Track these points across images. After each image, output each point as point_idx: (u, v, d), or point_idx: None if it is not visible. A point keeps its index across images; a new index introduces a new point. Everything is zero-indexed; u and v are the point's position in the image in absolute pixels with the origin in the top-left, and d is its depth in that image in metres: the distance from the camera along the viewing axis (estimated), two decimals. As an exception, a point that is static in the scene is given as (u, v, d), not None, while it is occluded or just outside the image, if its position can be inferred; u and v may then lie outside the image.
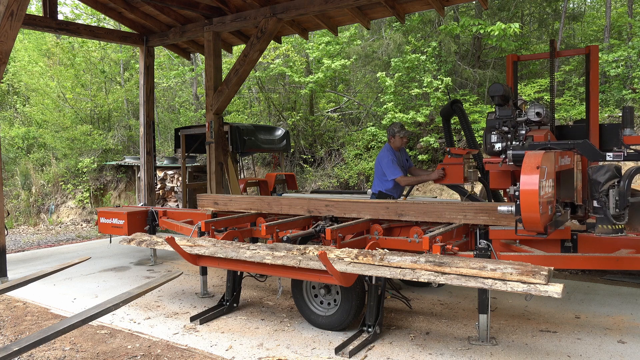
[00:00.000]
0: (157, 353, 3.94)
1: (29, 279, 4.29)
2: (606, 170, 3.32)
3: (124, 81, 17.75)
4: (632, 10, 12.91)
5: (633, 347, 3.88)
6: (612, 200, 3.26)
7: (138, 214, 6.83)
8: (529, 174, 3.06)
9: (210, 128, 8.18)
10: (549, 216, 3.25)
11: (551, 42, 4.83)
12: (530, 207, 3.07)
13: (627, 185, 3.26)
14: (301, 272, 3.94)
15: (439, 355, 3.80)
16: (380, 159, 5.90)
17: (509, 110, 3.93)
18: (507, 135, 3.92)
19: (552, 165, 3.33)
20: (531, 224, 3.17)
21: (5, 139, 15.77)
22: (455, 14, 13.70)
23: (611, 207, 3.27)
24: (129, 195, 14.02)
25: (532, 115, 3.94)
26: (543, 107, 3.98)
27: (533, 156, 3.13)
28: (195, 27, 8.54)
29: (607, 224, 3.33)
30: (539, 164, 3.06)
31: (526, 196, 3.07)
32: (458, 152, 4.98)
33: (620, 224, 3.31)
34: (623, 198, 3.23)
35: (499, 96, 3.92)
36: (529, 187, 3.06)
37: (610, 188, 3.26)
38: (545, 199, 3.18)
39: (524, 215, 3.12)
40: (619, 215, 3.27)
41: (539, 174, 3.02)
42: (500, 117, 3.96)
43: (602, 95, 11.25)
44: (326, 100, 15.82)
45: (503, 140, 3.96)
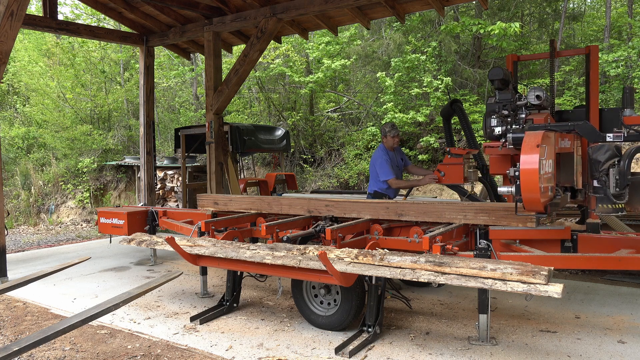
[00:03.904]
0: (157, 353, 3.94)
1: (29, 279, 4.29)
2: (606, 149, 3.31)
3: (124, 81, 17.75)
4: (632, 10, 12.91)
5: (633, 347, 3.88)
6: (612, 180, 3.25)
7: (138, 214, 6.83)
8: (529, 153, 3.04)
9: (210, 128, 8.18)
10: (549, 196, 3.22)
11: (551, 42, 4.89)
12: (530, 186, 3.04)
13: (628, 165, 3.26)
14: (301, 272, 3.94)
15: (439, 355, 3.80)
16: (375, 159, 5.97)
17: (508, 94, 3.92)
18: (507, 119, 3.90)
19: (552, 146, 3.31)
20: (531, 204, 3.13)
21: (5, 139, 15.77)
22: (455, 13, 13.69)
23: (611, 186, 3.26)
24: (129, 195, 14.02)
25: (532, 98, 3.92)
26: (543, 91, 3.97)
27: (533, 135, 3.12)
28: (195, 27, 8.54)
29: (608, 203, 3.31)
30: (539, 142, 3.04)
31: (526, 175, 3.05)
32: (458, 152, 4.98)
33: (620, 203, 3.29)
34: (623, 177, 3.22)
35: (499, 80, 3.91)
36: (529, 166, 3.03)
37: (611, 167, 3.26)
38: (546, 178, 3.15)
39: (524, 194, 3.10)
40: (619, 194, 3.27)
41: (539, 153, 3.01)
42: (500, 100, 3.94)
43: (602, 95, 11.25)
44: (326, 100, 15.82)
45: (503, 124, 3.94)
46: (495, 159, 4.36)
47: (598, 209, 3.40)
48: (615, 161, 3.27)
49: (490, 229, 4.31)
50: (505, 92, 3.93)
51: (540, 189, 3.05)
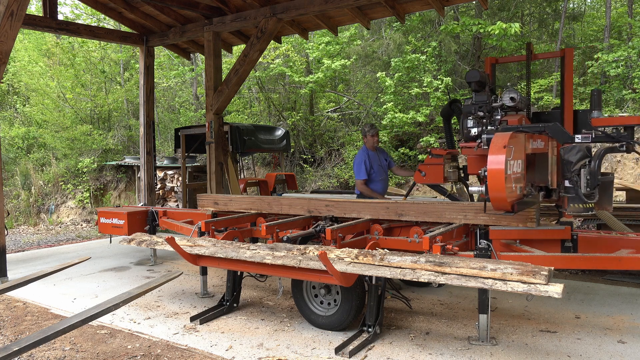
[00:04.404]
0: (157, 353, 3.94)
1: (29, 279, 4.29)
2: (578, 150, 3.38)
3: (124, 81, 17.74)
4: (632, 10, 12.91)
5: (633, 347, 3.88)
6: (583, 180, 3.33)
7: (138, 214, 6.83)
8: (496, 154, 3.12)
9: (210, 128, 8.17)
10: (517, 195, 3.31)
11: (528, 45, 5.01)
12: (497, 186, 3.12)
13: (598, 165, 3.33)
14: (301, 272, 3.94)
15: (439, 355, 3.80)
16: (354, 159, 6.23)
17: (484, 96, 4.01)
18: (482, 120, 4.00)
19: (521, 146, 3.39)
20: (498, 202, 3.21)
21: (5, 139, 15.76)
22: (455, 13, 13.70)
23: (582, 186, 3.34)
24: (129, 195, 14.01)
25: (507, 100, 4.02)
26: (517, 93, 4.06)
27: (501, 137, 3.20)
28: (195, 27, 8.54)
29: (579, 203, 3.38)
30: (506, 143, 3.11)
31: (493, 175, 3.12)
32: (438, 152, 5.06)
33: (590, 202, 3.36)
34: (594, 177, 3.30)
35: (475, 82, 3.99)
36: (496, 166, 3.11)
37: (582, 168, 3.34)
38: (514, 178, 3.24)
39: (491, 193, 3.17)
40: (590, 194, 3.34)
41: (506, 154, 3.08)
42: (476, 102, 4.03)
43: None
44: (326, 100, 15.82)
45: (479, 125, 4.03)
46: (472, 159, 4.45)
47: (569, 209, 3.47)
48: (586, 162, 3.35)
49: (490, 229, 4.31)
50: (482, 94, 4.02)
51: (506, 188, 3.11)
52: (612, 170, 9.43)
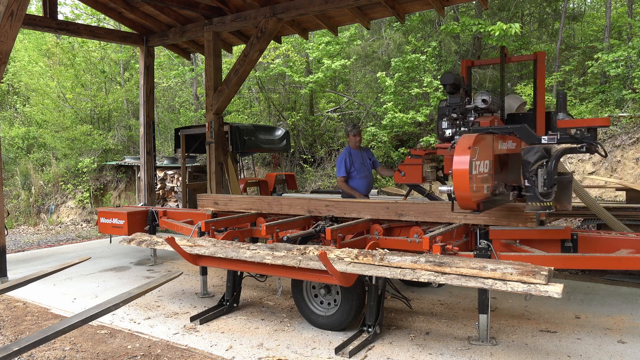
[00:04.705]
0: (157, 353, 3.94)
1: (29, 279, 4.29)
2: (536, 151, 3.48)
3: (124, 81, 17.74)
4: (632, 10, 12.91)
5: (633, 347, 3.88)
6: (540, 179, 3.43)
7: (138, 214, 6.83)
8: (460, 155, 3.23)
9: (210, 128, 8.17)
10: (483, 195, 3.41)
11: (502, 49, 5.15)
12: (461, 185, 3.22)
13: (554, 165, 3.42)
14: (301, 272, 3.94)
15: (439, 355, 3.80)
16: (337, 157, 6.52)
17: (458, 98, 4.13)
18: (456, 122, 4.12)
19: (489, 148, 3.51)
20: (463, 201, 3.30)
21: (5, 139, 15.76)
22: (455, 14, 13.70)
23: (540, 185, 3.44)
24: (129, 195, 14.01)
25: (479, 102, 4.15)
26: (489, 95, 4.18)
27: (466, 138, 3.31)
28: (195, 27, 8.54)
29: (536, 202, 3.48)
30: (471, 145, 3.22)
31: (458, 175, 3.22)
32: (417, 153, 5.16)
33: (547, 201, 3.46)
34: (550, 177, 3.40)
35: (450, 84, 4.10)
36: (460, 167, 3.20)
37: (539, 168, 3.44)
38: (480, 178, 3.34)
39: (456, 193, 3.28)
40: (547, 193, 3.44)
41: (470, 154, 3.19)
42: (450, 104, 4.15)
43: (602, 95, 11.26)
44: (326, 100, 15.82)
45: (453, 126, 4.14)
46: (448, 159, 4.57)
47: (528, 207, 3.57)
48: (544, 162, 3.45)
49: (490, 229, 4.31)
50: (456, 96, 4.14)
51: (471, 187, 3.20)
52: (612, 170, 9.43)
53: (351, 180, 6.28)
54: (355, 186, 6.25)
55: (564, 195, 3.60)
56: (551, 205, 3.49)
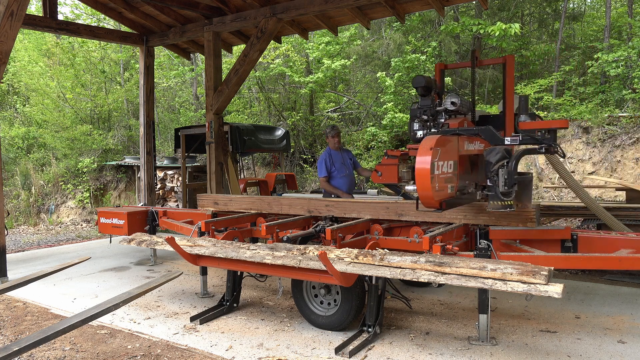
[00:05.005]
0: (157, 353, 3.94)
1: (29, 279, 4.29)
2: (497, 152, 3.60)
3: (124, 81, 17.74)
4: (632, 10, 12.91)
5: (633, 347, 3.88)
6: (501, 179, 3.54)
7: (138, 214, 6.83)
8: (422, 155, 3.34)
9: (210, 128, 8.17)
10: (446, 194, 3.52)
11: (472, 52, 5.27)
12: (423, 185, 3.32)
13: (514, 165, 3.53)
14: (301, 272, 3.94)
15: (439, 355, 3.80)
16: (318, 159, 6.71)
17: (429, 100, 4.26)
18: (427, 124, 4.25)
19: (453, 149, 3.63)
20: (426, 200, 3.41)
21: (5, 139, 15.75)
22: (455, 14, 13.70)
23: (500, 184, 3.54)
24: (129, 195, 14.01)
25: (448, 104, 4.26)
26: (458, 97, 4.29)
27: (429, 139, 3.44)
28: (195, 27, 8.54)
29: (497, 200, 3.58)
30: (432, 146, 3.34)
31: (419, 174, 3.33)
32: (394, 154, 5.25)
33: (508, 200, 3.56)
34: (511, 176, 3.50)
35: (421, 87, 4.24)
36: (422, 166, 3.31)
37: (500, 168, 3.54)
38: (443, 178, 3.45)
39: (419, 192, 3.39)
40: (508, 192, 3.54)
41: (432, 155, 3.30)
42: (421, 106, 4.27)
43: (602, 95, 11.25)
44: (326, 100, 15.82)
45: (424, 128, 4.27)
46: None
47: (489, 206, 3.66)
48: (504, 162, 3.55)
49: (490, 229, 4.32)
50: (427, 98, 4.27)
51: (433, 187, 3.30)
52: (612, 170, 9.43)
53: (332, 180, 6.50)
54: (336, 185, 6.47)
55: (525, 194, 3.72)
56: (512, 204, 3.59)
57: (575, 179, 5.85)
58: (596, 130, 9.93)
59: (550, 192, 9.80)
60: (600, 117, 9.89)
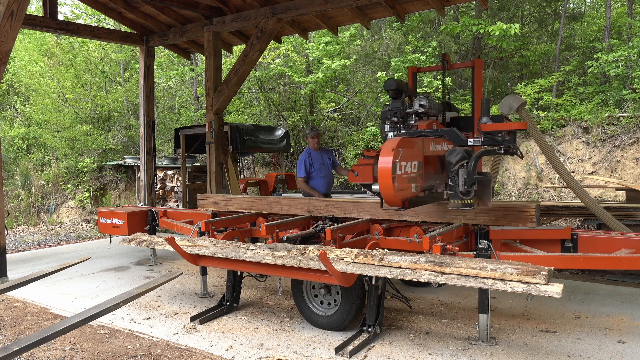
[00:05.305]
0: (157, 353, 3.94)
1: (29, 279, 4.28)
2: (457, 152, 3.68)
3: (124, 81, 17.73)
4: (632, 10, 12.91)
5: (633, 347, 3.88)
6: (461, 179, 3.62)
7: (138, 214, 6.83)
8: (384, 156, 3.45)
9: (210, 128, 8.18)
10: (410, 193, 3.65)
11: (443, 56, 5.41)
12: (385, 185, 3.43)
13: (474, 165, 3.61)
14: (301, 272, 3.94)
15: (439, 355, 3.80)
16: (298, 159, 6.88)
17: (399, 103, 4.39)
18: (397, 125, 4.37)
19: (418, 149, 3.79)
20: (388, 199, 3.52)
21: (5, 139, 15.75)
22: (455, 14, 13.70)
23: (460, 184, 3.63)
24: (129, 195, 14.01)
25: (417, 106, 4.41)
26: (427, 100, 4.40)
27: (392, 141, 3.55)
28: (195, 27, 8.54)
29: (457, 199, 3.67)
30: (394, 147, 3.45)
31: (381, 175, 3.44)
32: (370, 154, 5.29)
33: (468, 199, 3.65)
34: (470, 176, 3.58)
35: (392, 90, 4.36)
36: (384, 166, 3.42)
37: (460, 168, 3.63)
38: (406, 178, 3.57)
39: (381, 191, 3.51)
40: (467, 191, 3.63)
41: (393, 156, 3.41)
42: (392, 108, 4.40)
43: (602, 95, 11.25)
44: (326, 100, 15.81)
45: (395, 129, 4.39)
46: None
47: (450, 204, 3.74)
48: (464, 163, 3.64)
49: (490, 229, 4.32)
50: (397, 101, 4.39)
51: (394, 186, 3.41)
52: (612, 170, 9.43)
53: (311, 180, 6.69)
54: (315, 185, 6.66)
55: (484, 193, 3.81)
56: (472, 202, 3.68)
57: (575, 179, 5.85)
58: (596, 130, 9.93)
59: (550, 192, 9.80)
60: (600, 117, 9.89)
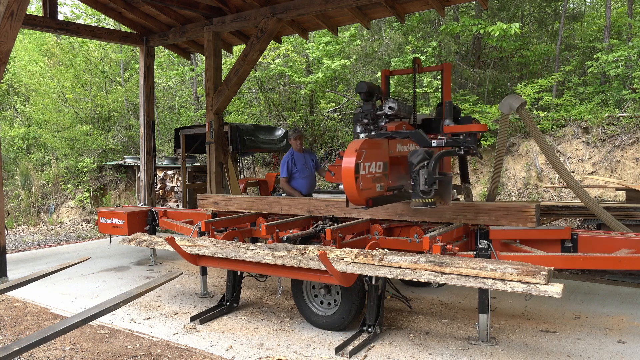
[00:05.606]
0: (157, 353, 3.94)
1: (29, 279, 4.28)
2: (418, 153, 3.80)
3: (124, 81, 17.73)
4: (632, 10, 12.91)
5: (633, 347, 3.88)
6: (422, 179, 3.73)
7: (138, 214, 6.83)
8: (348, 157, 3.56)
9: (210, 128, 8.17)
10: (374, 192, 3.75)
11: (414, 60, 5.57)
12: (348, 184, 3.54)
13: (434, 166, 3.73)
14: (301, 272, 3.94)
15: (439, 355, 3.80)
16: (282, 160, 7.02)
17: (369, 105, 4.49)
18: (368, 127, 4.48)
19: (383, 150, 3.90)
20: (351, 198, 3.62)
21: (5, 139, 15.75)
22: (455, 14, 13.70)
23: (421, 183, 3.74)
24: (129, 195, 14.01)
25: (387, 109, 4.53)
26: (396, 102, 4.53)
27: (355, 142, 3.67)
28: (195, 27, 8.54)
29: (419, 198, 3.77)
30: (357, 148, 3.56)
31: (344, 175, 3.57)
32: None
33: (429, 198, 3.75)
34: (430, 176, 3.71)
35: (363, 93, 4.46)
36: (347, 166, 3.54)
37: (421, 169, 3.75)
38: (370, 178, 3.67)
39: (345, 191, 3.61)
40: (428, 190, 3.74)
41: (356, 157, 3.52)
42: (362, 111, 4.51)
43: (602, 95, 11.25)
44: (326, 100, 15.82)
45: (366, 131, 4.48)
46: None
47: (412, 203, 3.83)
48: (425, 163, 3.75)
49: (490, 229, 4.31)
50: (369, 103, 4.50)
51: (357, 186, 3.52)
52: (612, 170, 9.43)
53: (294, 180, 6.84)
54: (297, 186, 6.83)
55: (445, 192, 3.93)
56: (433, 201, 3.78)
57: (575, 179, 5.85)
58: (596, 130, 9.93)
59: (550, 192, 9.81)
60: (600, 117, 9.89)
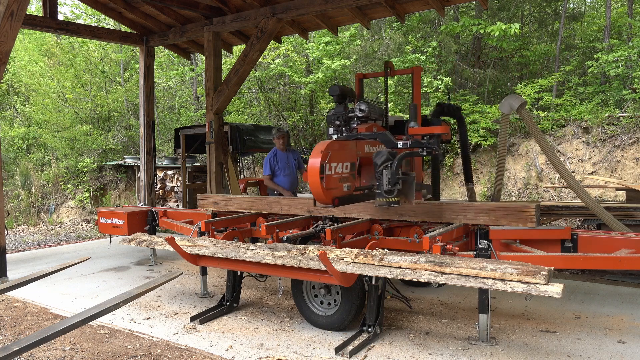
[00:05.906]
0: (157, 353, 3.94)
1: (29, 279, 4.28)
2: (382, 154, 3.90)
3: (124, 81, 17.73)
4: (632, 10, 12.91)
5: (633, 347, 3.88)
6: (385, 178, 3.85)
7: (138, 214, 6.83)
8: (313, 157, 3.69)
9: (210, 128, 8.17)
10: (341, 192, 3.88)
11: (385, 63, 5.68)
12: (314, 184, 3.67)
13: (396, 166, 3.85)
14: (301, 272, 3.94)
15: (439, 355, 3.80)
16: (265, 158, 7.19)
17: (342, 107, 4.64)
18: (340, 128, 4.60)
19: (350, 151, 4.05)
20: (317, 197, 3.74)
21: (5, 139, 15.75)
22: (455, 14, 13.70)
23: (385, 183, 3.84)
24: (129, 195, 14.01)
25: (357, 111, 4.65)
26: (367, 105, 4.63)
27: (321, 144, 3.80)
28: (195, 27, 8.54)
29: (382, 197, 3.89)
30: (323, 149, 3.69)
31: (310, 175, 3.69)
32: None
33: (392, 197, 3.86)
34: (393, 176, 3.82)
35: (336, 95, 4.60)
36: (312, 167, 3.67)
37: (384, 169, 3.85)
38: (336, 178, 3.81)
39: (311, 190, 3.72)
40: (391, 190, 3.84)
41: (321, 157, 3.65)
42: (335, 113, 4.65)
43: (602, 95, 11.26)
44: (326, 101, 15.81)
45: (338, 132, 4.61)
46: None
47: (376, 202, 3.95)
48: (388, 164, 3.84)
49: (490, 229, 4.31)
50: (341, 106, 4.63)
51: (322, 185, 3.64)
52: (612, 170, 9.43)
53: (276, 178, 7.02)
54: (279, 183, 6.99)
55: (409, 192, 4.02)
56: (397, 200, 3.89)
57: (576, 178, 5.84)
58: (596, 130, 9.93)
59: (550, 192, 9.81)
60: (600, 117, 9.89)
